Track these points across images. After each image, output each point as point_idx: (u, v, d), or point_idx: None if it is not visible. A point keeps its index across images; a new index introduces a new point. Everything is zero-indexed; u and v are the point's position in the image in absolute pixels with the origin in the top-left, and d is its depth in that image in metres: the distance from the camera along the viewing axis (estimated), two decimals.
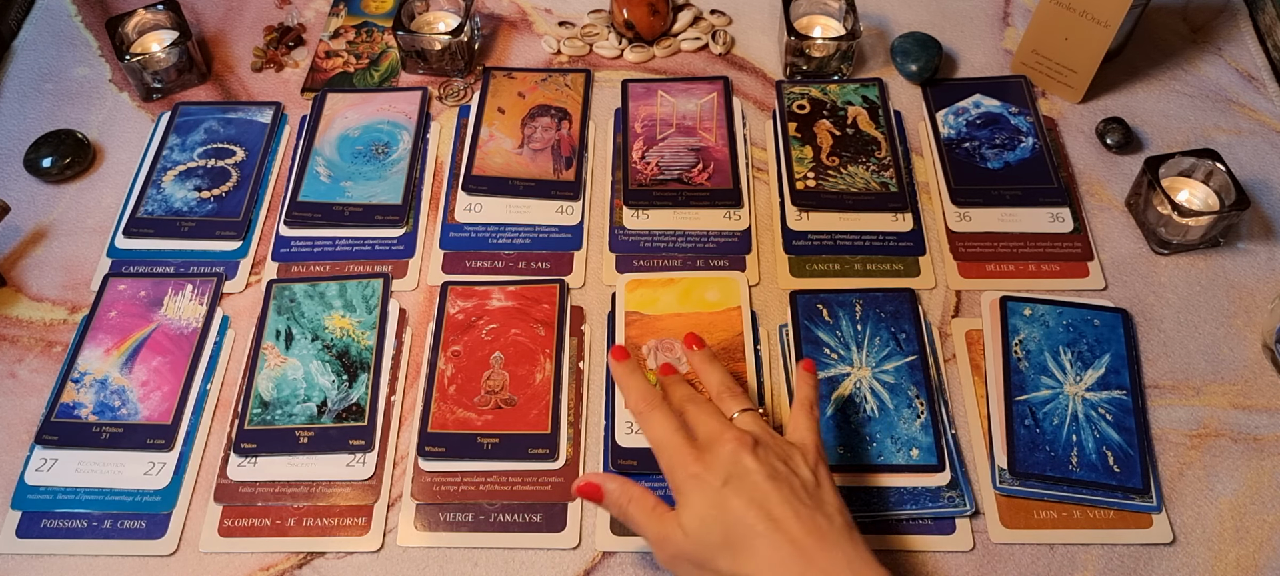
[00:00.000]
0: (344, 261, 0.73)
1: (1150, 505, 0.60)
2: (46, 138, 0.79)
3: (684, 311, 0.69)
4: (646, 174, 0.77)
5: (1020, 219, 0.74)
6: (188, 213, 0.75)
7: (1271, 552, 0.59)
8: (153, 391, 0.66)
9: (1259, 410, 0.65)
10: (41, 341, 0.69)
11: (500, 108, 0.81)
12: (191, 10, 0.90)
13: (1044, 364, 0.66)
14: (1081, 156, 0.78)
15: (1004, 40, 0.87)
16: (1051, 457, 0.62)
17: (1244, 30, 0.87)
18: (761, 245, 0.73)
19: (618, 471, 0.62)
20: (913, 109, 0.82)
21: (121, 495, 0.62)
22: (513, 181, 0.76)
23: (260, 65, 0.86)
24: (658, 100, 0.82)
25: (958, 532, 0.60)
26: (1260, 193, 0.76)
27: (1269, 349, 0.67)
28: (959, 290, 0.71)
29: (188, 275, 0.72)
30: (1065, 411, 0.63)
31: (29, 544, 0.60)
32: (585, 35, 0.88)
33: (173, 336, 0.68)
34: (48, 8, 0.92)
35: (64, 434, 0.64)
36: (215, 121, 0.81)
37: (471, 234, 0.74)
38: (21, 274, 0.73)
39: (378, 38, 0.88)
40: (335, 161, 0.78)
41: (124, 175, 0.79)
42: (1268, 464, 0.62)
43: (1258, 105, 0.81)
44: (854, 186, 0.75)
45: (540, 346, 0.67)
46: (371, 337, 0.68)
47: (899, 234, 0.73)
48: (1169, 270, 0.72)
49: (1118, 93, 0.83)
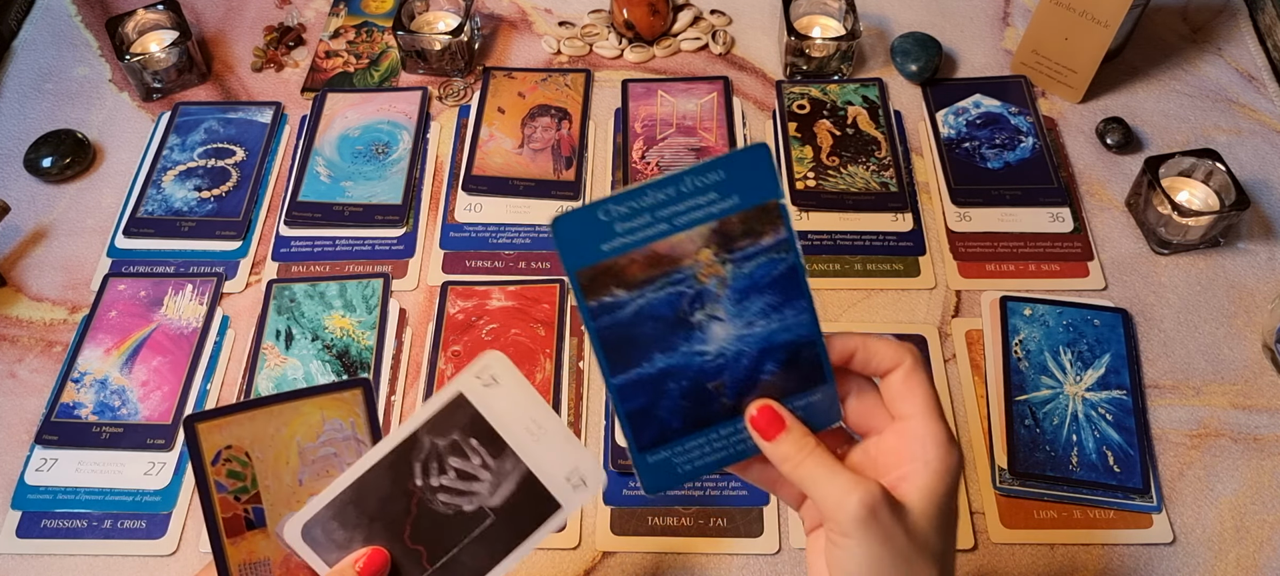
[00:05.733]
0: (344, 261, 0.73)
1: (1150, 505, 0.60)
2: (46, 138, 0.79)
3: None
4: (647, 174, 0.77)
5: (1020, 219, 0.74)
6: (188, 212, 0.75)
7: (1271, 552, 0.59)
8: (153, 391, 0.66)
9: (1259, 410, 0.65)
10: (41, 341, 0.69)
11: (500, 108, 0.81)
12: (191, 10, 0.90)
13: (1044, 364, 0.66)
14: (1081, 156, 0.78)
15: (1004, 40, 0.87)
16: (1051, 457, 0.62)
17: (1244, 30, 0.87)
18: None
19: (618, 472, 0.62)
20: (913, 109, 0.82)
21: (121, 495, 0.62)
22: (513, 181, 0.76)
23: (260, 65, 0.86)
24: (658, 100, 0.82)
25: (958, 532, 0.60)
26: (1260, 193, 0.76)
27: (1269, 349, 0.67)
28: (959, 290, 0.71)
29: (188, 275, 0.72)
30: (1065, 411, 0.63)
31: (29, 544, 0.60)
32: (585, 35, 0.88)
33: (173, 336, 0.68)
34: (48, 8, 0.92)
35: (64, 434, 0.64)
36: (215, 121, 0.81)
37: (471, 234, 0.74)
38: (21, 274, 0.73)
39: (378, 38, 0.88)
40: (335, 161, 0.78)
41: (124, 175, 0.79)
42: (1268, 464, 0.62)
43: (1258, 105, 0.81)
44: (854, 186, 0.75)
45: (540, 346, 0.67)
46: (371, 337, 0.68)
47: (899, 234, 0.73)
48: (1169, 270, 0.72)
49: (1118, 93, 0.83)
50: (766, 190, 0.40)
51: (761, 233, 0.41)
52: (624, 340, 0.41)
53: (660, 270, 0.41)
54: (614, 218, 0.40)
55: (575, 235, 0.39)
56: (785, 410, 0.42)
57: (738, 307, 0.41)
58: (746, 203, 0.41)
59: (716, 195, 0.40)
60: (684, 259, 0.41)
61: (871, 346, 0.42)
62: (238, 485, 0.46)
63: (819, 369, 0.42)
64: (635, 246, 0.40)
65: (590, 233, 0.40)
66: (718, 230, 0.41)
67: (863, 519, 0.39)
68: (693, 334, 0.41)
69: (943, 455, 0.40)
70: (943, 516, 0.41)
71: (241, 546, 0.46)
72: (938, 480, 0.40)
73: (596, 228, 0.40)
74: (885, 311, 0.70)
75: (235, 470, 0.46)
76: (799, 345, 0.42)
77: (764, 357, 0.42)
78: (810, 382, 0.42)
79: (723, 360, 0.42)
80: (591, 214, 0.39)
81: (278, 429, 0.46)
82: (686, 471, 0.43)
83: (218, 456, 0.46)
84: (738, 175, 0.40)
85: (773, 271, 0.41)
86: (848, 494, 0.39)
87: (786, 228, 0.41)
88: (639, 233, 0.40)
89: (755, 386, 0.42)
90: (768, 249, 0.41)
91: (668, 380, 0.41)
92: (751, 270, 0.41)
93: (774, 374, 0.42)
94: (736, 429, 0.42)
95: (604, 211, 0.39)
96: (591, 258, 0.40)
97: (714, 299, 0.41)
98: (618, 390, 0.41)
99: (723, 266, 0.41)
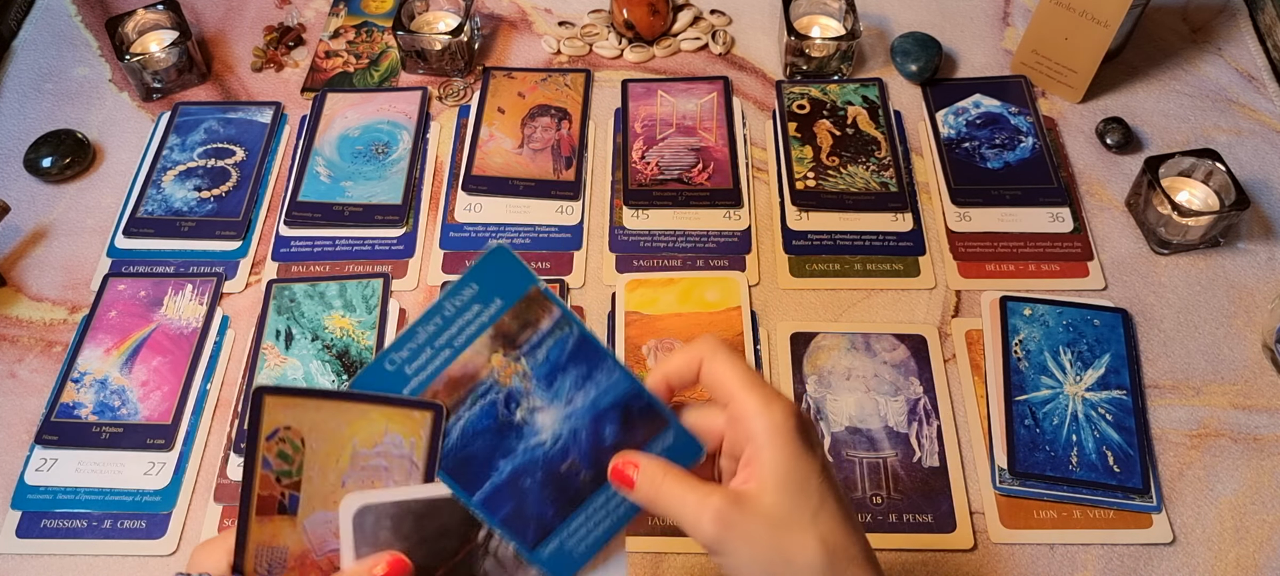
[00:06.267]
0: (344, 261, 0.73)
1: (1150, 505, 0.60)
2: (46, 138, 0.79)
3: (684, 311, 0.69)
4: (646, 174, 0.77)
5: (1020, 219, 0.74)
6: (188, 212, 0.75)
7: (1271, 552, 0.59)
8: (153, 391, 0.66)
9: (1259, 410, 0.65)
10: (41, 341, 0.69)
11: (500, 107, 0.81)
12: (191, 10, 0.90)
13: (1044, 364, 0.66)
14: (1081, 156, 0.78)
15: (1004, 40, 0.87)
16: (1051, 457, 0.62)
17: (1244, 30, 0.87)
18: (761, 245, 0.73)
19: None
20: (913, 109, 0.82)
21: (121, 495, 0.62)
22: (513, 181, 0.76)
23: (260, 65, 0.86)
24: (658, 100, 0.82)
25: (958, 532, 0.60)
26: (1260, 193, 0.75)
27: (1269, 349, 0.67)
28: (959, 290, 0.71)
29: (188, 275, 0.72)
30: (1065, 411, 0.63)
31: (29, 544, 0.60)
32: (585, 35, 0.88)
33: (173, 336, 0.68)
34: (48, 8, 0.92)
35: (64, 434, 0.64)
36: (215, 121, 0.81)
37: (471, 234, 0.74)
38: (21, 274, 0.73)
39: (378, 38, 0.88)
40: (335, 161, 0.78)
41: (124, 175, 0.79)
42: (1268, 464, 0.62)
43: (1258, 105, 0.81)
44: (854, 186, 0.75)
45: None
46: (371, 337, 0.68)
47: (899, 234, 0.73)
48: (1169, 270, 0.72)
49: (1118, 93, 0.83)
50: (521, 283, 0.42)
51: (537, 320, 0.42)
52: (464, 462, 0.43)
53: (464, 390, 0.42)
54: (400, 364, 0.42)
55: (378, 387, 0.42)
56: (636, 453, 0.43)
57: (550, 392, 0.43)
58: (509, 301, 0.42)
59: (479, 306, 0.42)
60: (480, 372, 0.42)
61: (670, 363, 0.43)
62: (284, 466, 0.46)
63: (655, 414, 0.43)
64: (431, 380, 0.42)
65: (388, 383, 0.42)
66: (496, 335, 0.42)
67: (718, 534, 0.39)
68: (523, 430, 0.43)
69: (764, 423, 0.40)
70: (794, 480, 0.40)
71: (267, 527, 0.46)
72: (771, 449, 0.40)
73: (390, 377, 0.42)
74: (885, 311, 0.70)
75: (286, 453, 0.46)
76: (625, 400, 0.43)
77: (599, 424, 0.43)
78: (656, 428, 0.43)
79: (561, 442, 0.43)
80: (380, 367, 0.42)
81: (340, 426, 0.46)
82: (584, 550, 0.44)
83: (274, 433, 0.45)
84: (490, 281, 0.42)
85: (564, 348, 0.43)
86: (699, 516, 0.40)
87: (558, 306, 0.43)
88: (428, 367, 0.42)
89: (608, 451, 0.43)
90: (550, 331, 0.42)
91: (522, 478, 0.43)
92: (545, 354, 0.43)
93: (618, 435, 0.43)
94: (609, 495, 0.43)
95: (389, 362, 0.42)
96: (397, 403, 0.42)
97: (525, 394, 0.43)
98: (482, 506, 0.42)
99: (518, 363, 0.43)
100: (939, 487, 0.61)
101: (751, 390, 0.41)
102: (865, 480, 0.62)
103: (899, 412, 0.64)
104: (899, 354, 0.67)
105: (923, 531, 0.60)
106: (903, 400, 0.65)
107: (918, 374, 0.66)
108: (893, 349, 0.67)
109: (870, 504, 0.61)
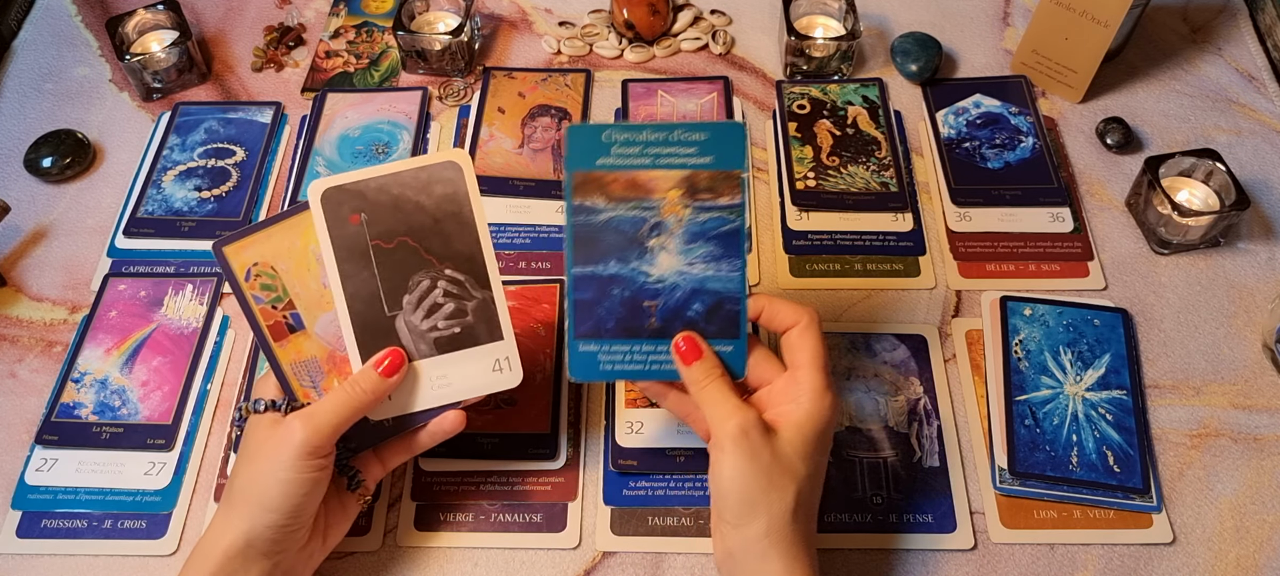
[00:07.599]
0: None
1: (1150, 505, 0.60)
2: (46, 138, 0.79)
3: None
4: None
5: (1020, 219, 0.74)
6: (188, 212, 0.75)
7: (1271, 552, 0.59)
8: (153, 391, 0.66)
9: (1259, 410, 0.65)
10: (41, 341, 0.69)
11: (500, 108, 0.81)
12: (191, 10, 0.90)
13: (1044, 364, 0.66)
14: (1081, 156, 0.78)
15: (1004, 40, 0.87)
16: (1051, 457, 0.62)
17: (1244, 30, 0.87)
18: (761, 245, 0.73)
19: (618, 471, 0.62)
20: (913, 109, 0.82)
21: (121, 495, 0.62)
22: (513, 181, 0.76)
23: (260, 65, 0.86)
24: (658, 100, 0.82)
25: (958, 532, 0.60)
26: (1260, 193, 0.76)
27: (1269, 349, 0.67)
28: (959, 290, 0.71)
29: (188, 275, 0.72)
30: (1065, 411, 0.63)
31: (29, 544, 0.60)
32: (585, 35, 0.88)
33: (173, 336, 0.68)
34: (48, 8, 0.92)
35: (64, 434, 0.64)
36: (215, 121, 0.81)
37: None
38: (21, 274, 0.73)
39: (378, 38, 0.88)
40: (335, 161, 0.78)
41: (124, 175, 0.79)
42: (1268, 464, 0.62)
43: (1258, 105, 0.81)
44: (854, 186, 0.75)
45: (540, 346, 0.67)
46: None
47: (899, 234, 0.73)
48: (1169, 270, 0.72)
49: (1118, 93, 0.83)
50: (736, 161, 0.49)
51: (721, 193, 0.49)
52: (590, 240, 0.50)
53: (635, 194, 0.49)
54: (613, 142, 0.49)
55: (582, 144, 0.49)
56: (705, 343, 0.51)
57: (685, 247, 0.50)
58: (718, 165, 0.49)
59: (696, 150, 0.49)
60: (655, 192, 0.49)
61: (776, 305, 0.51)
62: (272, 295, 0.52)
63: (736, 325, 0.50)
64: (622, 168, 0.49)
65: (592, 146, 0.49)
66: (688, 178, 0.49)
67: (735, 437, 0.47)
68: (644, 254, 0.50)
69: (816, 399, 0.49)
70: (809, 446, 0.49)
71: (289, 348, 0.52)
72: (808, 419, 0.49)
73: (598, 144, 0.49)
74: (885, 311, 0.70)
75: (267, 282, 0.52)
76: (724, 298, 0.50)
77: (693, 297, 0.50)
78: (726, 334, 0.51)
79: (661, 285, 0.50)
80: (598, 132, 0.49)
81: (293, 241, 0.52)
82: (608, 370, 0.51)
83: (248, 273, 0.52)
84: (717, 142, 0.49)
85: (720, 227, 0.50)
86: (729, 417, 0.48)
87: (743, 196, 0.49)
88: (628, 159, 0.49)
89: (680, 319, 0.50)
90: (722, 208, 0.49)
91: (613, 285, 0.50)
92: (704, 220, 0.49)
93: (698, 314, 0.50)
94: (657, 349, 0.51)
95: (607, 134, 0.49)
96: (587, 165, 0.49)
97: (668, 232, 0.50)
98: (574, 278, 0.50)
99: (684, 208, 0.49)
100: (939, 487, 0.61)
101: (822, 373, 0.50)
102: (865, 480, 0.62)
103: (899, 412, 0.64)
104: (899, 354, 0.67)
105: (923, 531, 0.60)
106: (903, 400, 0.65)
107: (918, 374, 0.66)
108: (893, 349, 0.67)
109: (870, 504, 0.61)
